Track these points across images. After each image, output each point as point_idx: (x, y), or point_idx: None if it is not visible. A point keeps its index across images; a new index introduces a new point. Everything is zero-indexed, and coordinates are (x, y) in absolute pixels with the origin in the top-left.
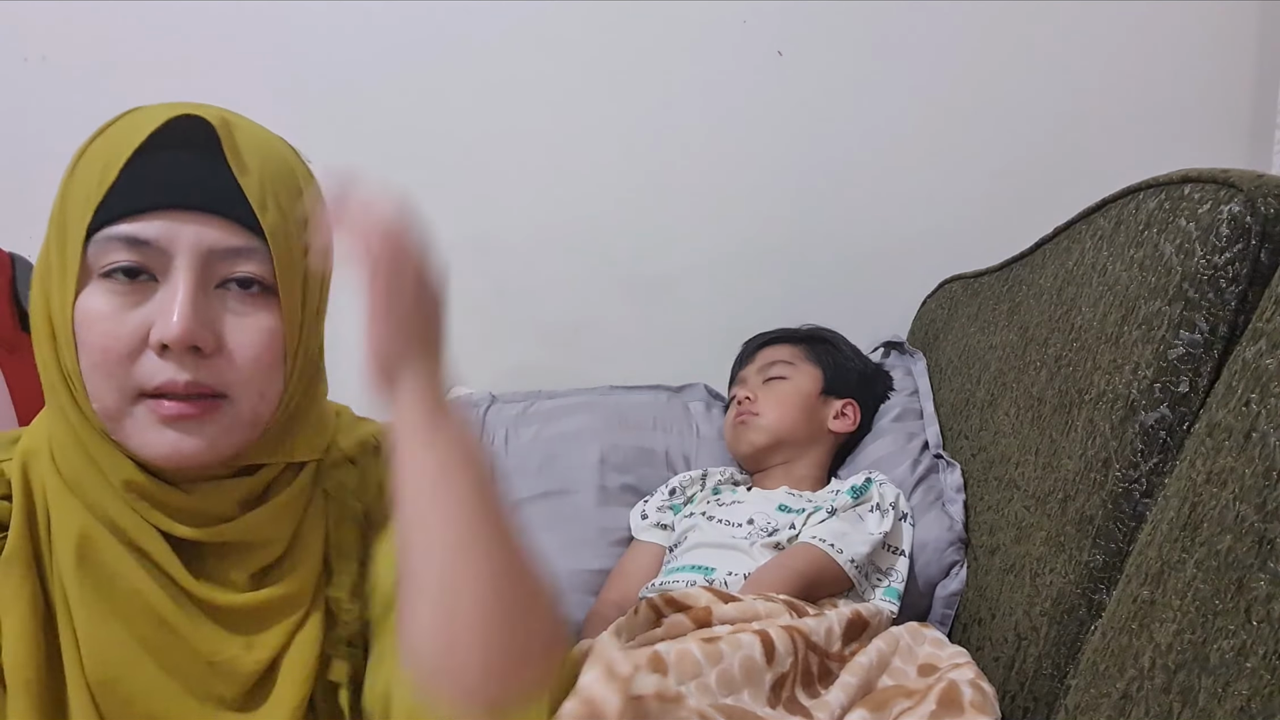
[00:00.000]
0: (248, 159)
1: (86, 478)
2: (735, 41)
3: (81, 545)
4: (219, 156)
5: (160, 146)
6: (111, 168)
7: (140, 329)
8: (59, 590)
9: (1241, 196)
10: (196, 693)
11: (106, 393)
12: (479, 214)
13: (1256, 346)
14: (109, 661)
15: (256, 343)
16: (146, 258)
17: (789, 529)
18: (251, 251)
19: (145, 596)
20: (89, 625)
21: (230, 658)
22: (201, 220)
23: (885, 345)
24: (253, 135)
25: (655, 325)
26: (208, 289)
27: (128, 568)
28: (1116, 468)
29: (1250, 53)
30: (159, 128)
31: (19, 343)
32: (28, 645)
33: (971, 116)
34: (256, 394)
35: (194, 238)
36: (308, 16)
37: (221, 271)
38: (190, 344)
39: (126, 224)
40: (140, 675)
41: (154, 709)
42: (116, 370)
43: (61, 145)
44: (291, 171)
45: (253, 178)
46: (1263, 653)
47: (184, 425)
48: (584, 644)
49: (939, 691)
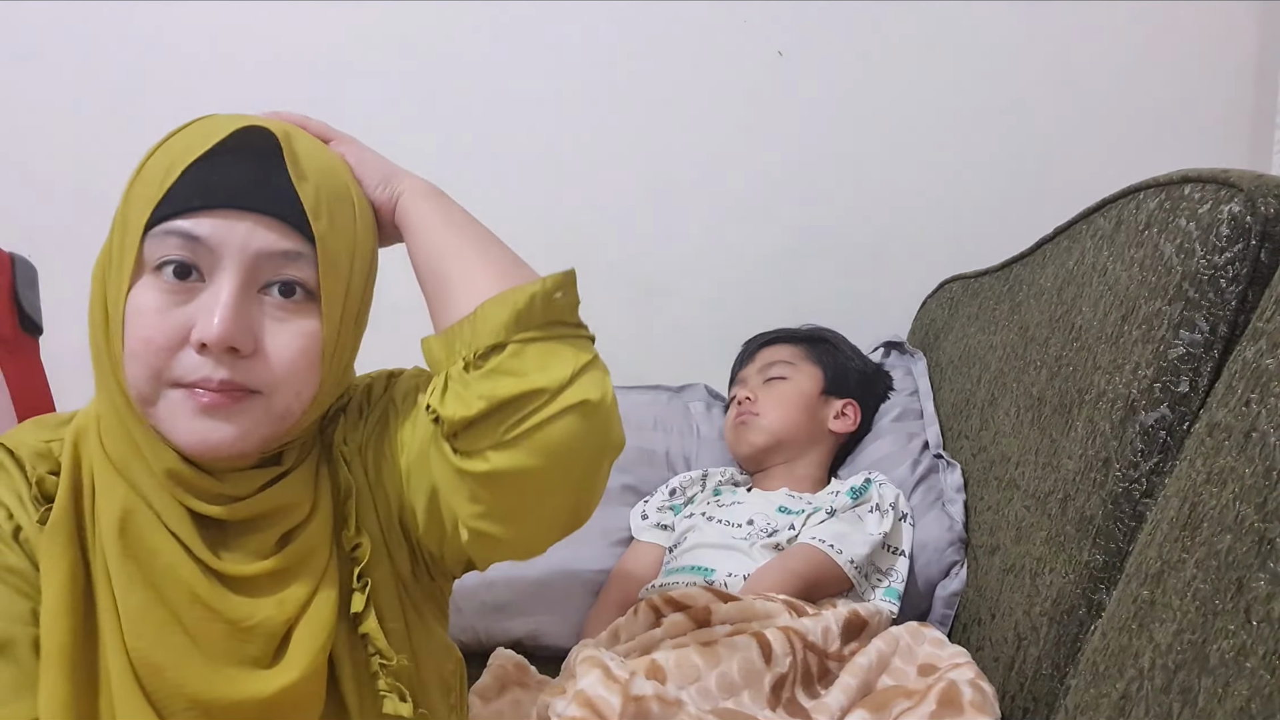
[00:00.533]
0: (306, 168)
1: (131, 458)
2: (735, 41)
3: (124, 520)
4: (279, 163)
5: (224, 152)
6: (175, 168)
7: (183, 326)
8: (100, 562)
9: (1241, 196)
10: (226, 660)
11: (141, 379)
12: (479, 214)
13: (1256, 346)
14: (143, 632)
15: (294, 346)
16: (197, 255)
17: (789, 530)
18: (299, 256)
19: (178, 571)
20: (128, 596)
21: (264, 619)
22: (254, 221)
23: (885, 345)
24: (312, 147)
25: (655, 326)
26: (251, 292)
27: (164, 543)
28: (1116, 468)
29: (1250, 53)
30: (226, 136)
31: (19, 343)
32: (64, 614)
33: (972, 116)
34: (292, 394)
35: (245, 238)
36: (306, 18)
37: (267, 274)
38: (229, 345)
39: (182, 220)
40: (172, 646)
41: (184, 678)
42: (153, 360)
43: (61, 145)
44: (346, 187)
45: (309, 186)
46: (1263, 653)
47: (216, 413)
48: (584, 644)
49: (939, 691)
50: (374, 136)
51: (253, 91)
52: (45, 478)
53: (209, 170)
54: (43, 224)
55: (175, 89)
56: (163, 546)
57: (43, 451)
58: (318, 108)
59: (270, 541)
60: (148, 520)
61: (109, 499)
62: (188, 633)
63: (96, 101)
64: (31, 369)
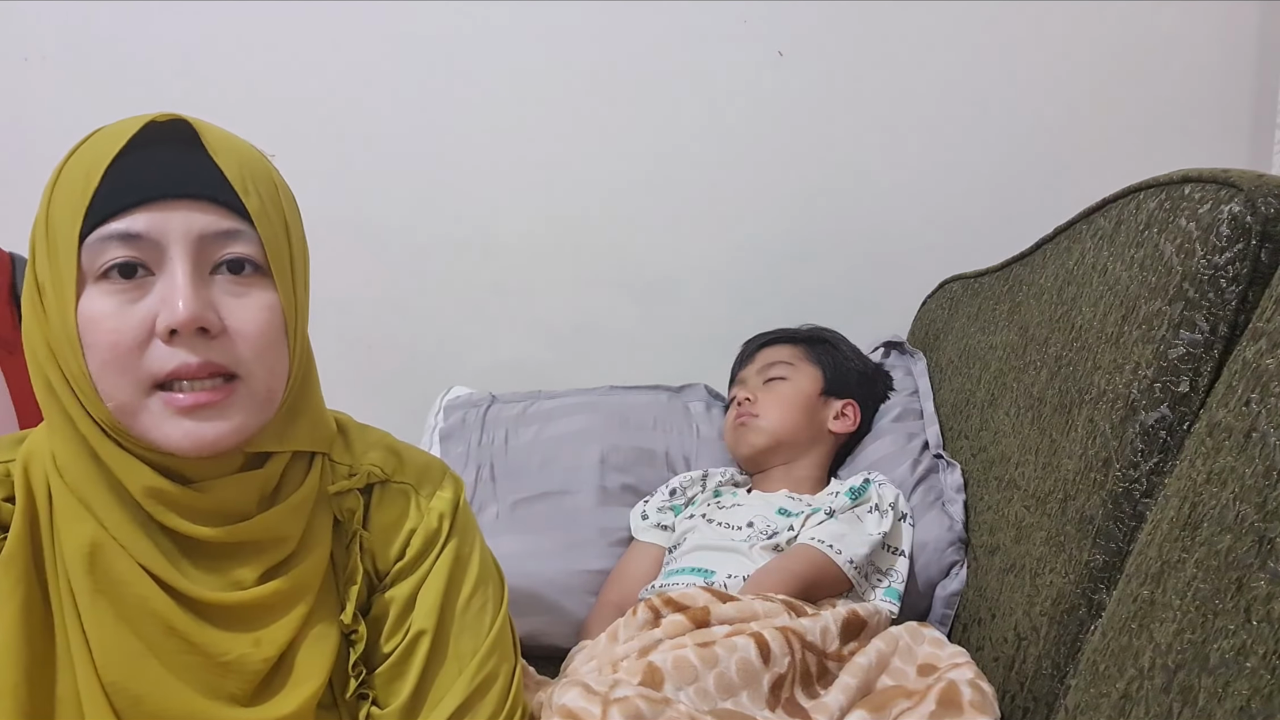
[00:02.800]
0: (221, 150)
1: (94, 488)
2: (735, 41)
3: (92, 555)
4: (198, 149)
5: (140, 146)
6: (94, 173)
7: (145, 321)
8: (63, 595)
9: (1242, 196)
10: (206, 691)
11: (119, 388)
12: (479, 214)
13: (1256, 346)
14: (117, 665)
15: (259, 319)
16: (141, 251)
17: (788, 531)
18: (240, 233)
19: (151, 603)
20: (98, 629)
21: (239, 656)
22: (189, 207)
23: (885, 345)
24: (220, 132)
25: (655, 325)
26: (203, 274)
27: (135, 576)
28: (1116, 467)
29: (1250, 53)
30: (136, 132)
31: (19, 343)
32: (16, 650)
33: (971, 116)
34: (267, 370)
35: (184, 224)
36: (306, 18)
37: (214, 255)
38: (198, 325)
39: (117, 221)
40: (148, 678)
41: (164, 708)
42: (127, 363)
43: (61, 146)
44: (260, 161)
45: (231, 165)
46: (1263, 653)
47: (201, 413)
48: (583, 644)
49: (938, 691)
50: (375, 138)
51: (253, 91)
52: (1, 505)
53: (131, 167)
54: None
55: (176, 89)
56: (133, 579)
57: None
58: (317, 108)
59: (252, 574)
60: (116, 554)
61: (73, 534)
62: (164, 664)
63: (97, 102)
64: None
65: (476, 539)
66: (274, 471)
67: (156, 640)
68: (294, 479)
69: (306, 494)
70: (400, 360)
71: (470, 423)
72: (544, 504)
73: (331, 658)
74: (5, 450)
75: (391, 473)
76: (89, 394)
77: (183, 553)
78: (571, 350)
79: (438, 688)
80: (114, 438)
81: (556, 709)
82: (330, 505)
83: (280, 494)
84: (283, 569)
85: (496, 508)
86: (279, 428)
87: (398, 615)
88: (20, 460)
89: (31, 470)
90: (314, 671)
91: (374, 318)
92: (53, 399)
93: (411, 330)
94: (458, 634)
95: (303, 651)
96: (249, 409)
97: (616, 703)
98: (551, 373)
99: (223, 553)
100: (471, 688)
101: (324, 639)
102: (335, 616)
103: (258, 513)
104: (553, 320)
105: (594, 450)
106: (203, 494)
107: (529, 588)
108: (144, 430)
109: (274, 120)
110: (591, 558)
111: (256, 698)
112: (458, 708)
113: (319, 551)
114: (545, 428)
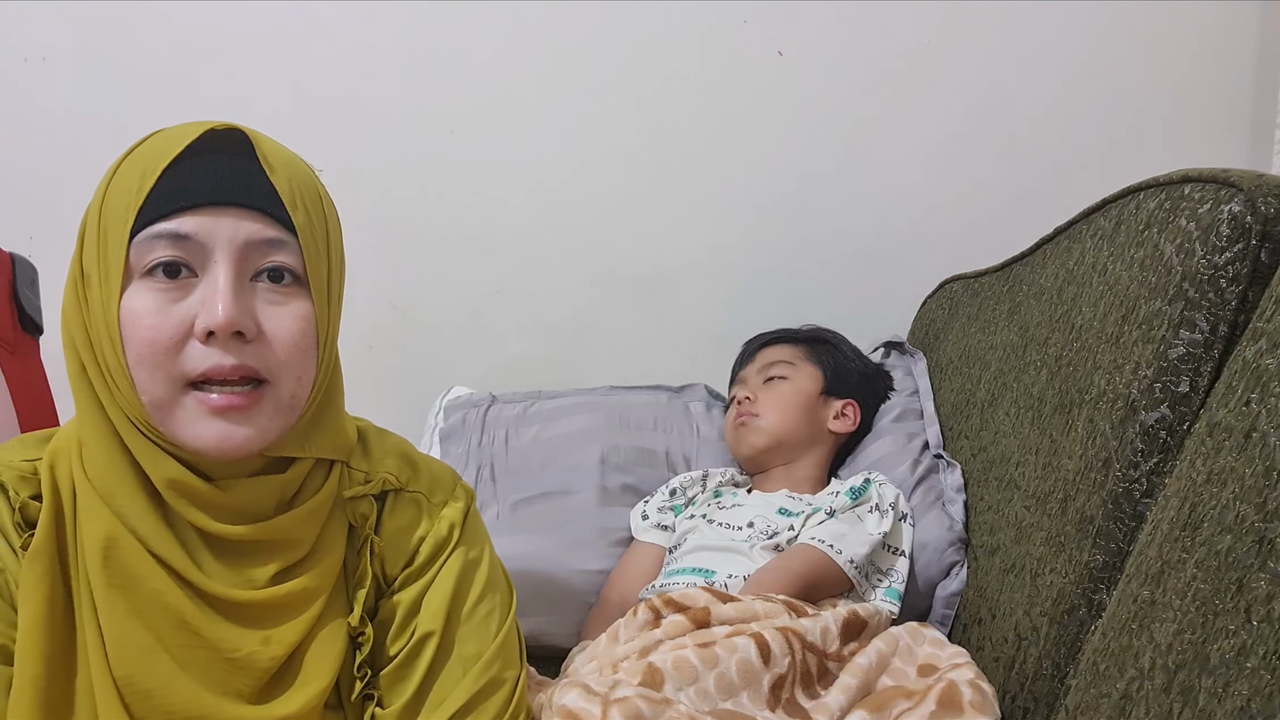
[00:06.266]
0: (276, 163)
1: (115, 482)
2: (735, 41)
3: (108, 547)
4: (252, 159)
5: (197, 153)
6: (150, 174)
7: (184, 321)
8: (82, 589)
9: (1242, 196)
10: (214, 687)
11: (154, 384)
12: (479, 214)
13: (1256, 346)
14: (129, 659)
15: (293, 328)
16: (187, 252)
17: (788, 531)
18: (284, 244)
19: (165, 597)
20: (112, 622)
21: (249, 653)
22: (237, 214)
23: (885, 345)
24: (274, 145)
25: (655, 325)
26: (244, 280)
27: (150, 570)
28: (1117, 467)
29: (1250, 53)
30: (195, 139)
31: (19, 343)
32: (38, 641)
33: (972, 117)
34: (294, 378)
35: (231, 230)
36: (308, 18)
37: (256, 262)
38: (235, 329)
39: (167, 222)
40: (158, 671)
41: (173, 703)
42: (163, 360)
43: (62, 145)
44: (309, 176)
45: (282, 178)
46: (1263, 653)
47: (232, 416)
48: (584, 644)
49: (939, 692)
50: (376, 139)
51: (253, 92)
52: (28, 503)
53: (187, 171)
54: (43, 224)
55: (176, 90)
56: (148, 573)
57: (26, 474)
58: (318, 108)
59: (266, 574)
60: (132, 547)
61: (92, 526)
62: (174, 658)
63: (97, 102)
64: (31, 369)
65: (486, 547)
66: (295, 476)
67: (167, 633)
68: (313, 484)
69: (324, 499)
70: (400, 360)
71: (470, 423)
72: (544, 504)
73: (339, 659)
74: (32, 449)
75: (405, 481)
76: (125, 386)
77: (200, 548)
78: (571, 350)
79: (441, 689)
80: (142, 429)
81: (557, 709)
82: (345, 510)
83: (299, 498)
84: (297, 570)
85: (497, 508)
86: (301, 434)
87: (404, 618)
88: (47, 458)
89: (58, 467)
90: (321, 672)
91: (374, 318)
92: (85, 385)
93: (411, 330)
94: (464, 637)
95: (311, 652)
96: (273, 415)
97: (617, 703)
98: (551, 373)
99: (239, 551)
100: (475, 689)
101: (332, 640)
102: (344, 619)
103: (275, 514)
104: (553, 320)
105: (594, 450)
106: (223, 492)
107: (529, 588)
108: (176, 427)
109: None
110: (592, 558)
111: (263, 696)
112: (460, 708)
113: (333, 555)
114: (546, 428)
